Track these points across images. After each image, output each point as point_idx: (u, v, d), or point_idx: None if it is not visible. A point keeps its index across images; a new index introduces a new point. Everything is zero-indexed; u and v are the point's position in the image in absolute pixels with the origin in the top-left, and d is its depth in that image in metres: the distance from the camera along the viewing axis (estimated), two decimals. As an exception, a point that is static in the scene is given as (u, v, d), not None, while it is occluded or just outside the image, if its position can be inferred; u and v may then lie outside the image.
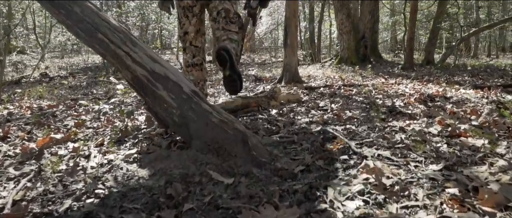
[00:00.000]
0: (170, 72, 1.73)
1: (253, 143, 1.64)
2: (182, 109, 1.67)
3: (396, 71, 8.20)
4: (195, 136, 1.65)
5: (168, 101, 1.68)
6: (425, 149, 1.67)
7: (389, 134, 1.98)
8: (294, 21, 5.60)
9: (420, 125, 2.15)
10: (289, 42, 5.61)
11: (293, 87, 5.17)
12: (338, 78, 6.76)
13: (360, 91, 4.75)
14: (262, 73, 8.13)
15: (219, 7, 2.60)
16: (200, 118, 1.67)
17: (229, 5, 2.61)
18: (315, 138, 1.97)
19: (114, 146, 2.12)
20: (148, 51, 1.77)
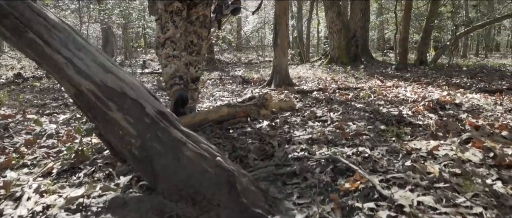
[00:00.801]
0: (128, 87, 1.26)
1: (243, 185, 1.18)
2: (143, 138, 1.20)
3: (390, 72, 7.84)
4: (161, 177, 1.18)
5: (124, 127, 1.21)
6: (475, 189, 1.24)
7: (417, 162, 1.54)
8: (285, 20, 5.15)
9: (450, 147, 1.73)
10: (279, 42, 5.16)
11: (284, 91, 4.73)
12: (330, 80, 6.35)
13: (358, 96, 4.33)
14: (250, 75, 7.67)
15: (200, 12, 2.88)
16: (168, 150, 1.20)
17: (208, 12, 2.92)
18: (323, 169, 1.52)
19: (60, 180, 1.64)
20: (99, 57, 1.30)
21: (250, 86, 5.57)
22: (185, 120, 2.69)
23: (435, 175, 1.36)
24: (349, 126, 2.55)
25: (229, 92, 4.92)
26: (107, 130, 1.24)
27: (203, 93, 4.88)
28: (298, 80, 6.35)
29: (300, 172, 1.52)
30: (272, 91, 4.89)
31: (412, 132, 2.27)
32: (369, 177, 1.32)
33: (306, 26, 13.16)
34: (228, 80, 6.64)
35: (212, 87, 5.66)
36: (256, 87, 5.45)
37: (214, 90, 5.13)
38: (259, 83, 5.85)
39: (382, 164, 1.54)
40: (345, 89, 4.88)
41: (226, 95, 4.65)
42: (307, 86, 5.48)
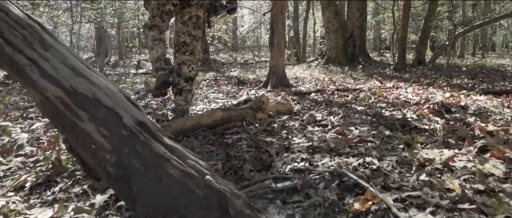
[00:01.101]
0: (102, 93, 1.08)
1: (236, 209, 1.00)
2: (120, 153, 1.03)
3: (388, 72, 7.70)
4: (141, 199, 1.00)
5: (97, 141, 1.03)
6: (505, 210, 1.08)
7: (433, 175, 1.38)
8: (281, 19, 4.98)
9: (466, 157, 1.56)
10: (276, 42, 4.99)
11: (281, 92, 4.56)
12: (328, 81, 6.19)
13: (357, 97, 4.17)
14: (245, 75, 7.49)
15: (193, 13, 2.89)
16: (149, 168, 1.02)
17: (201, 12, 2.92)
18: (327, 184, 1.35)
19: (32, 196, 1.46)
20: (69, 59, 1.12)
21: (245, 88, 5.39)
22: (177, 125, 2.52)
23: (457, 192, 1.19)
24: (352, 131, 2.38)
25: (224, 94, 4.75)
26: (77, 143, 1.06)
27: (197, 95, 4.69)
28: (295, 81, 6.18)
29: (302, 188, 1.35)
30: (269, 92, 4.72)
31: (420, 137, 2.10)
32: (382, 196, 1.15)
33: (303, 26, 12.99)
34: (223, 81, 6.46)
35: (207, 89, 5.48)
36: (252, 88, 5.28)
37: (209, 92, 4.95)
38: (255, 84, 5.67)
39: (394, 178, 1.37)
40: (344, 90, 4.72)
41: (220, 97, 4.47)
42: (305, 87, 5.31)
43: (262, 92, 4.66)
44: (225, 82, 6.21)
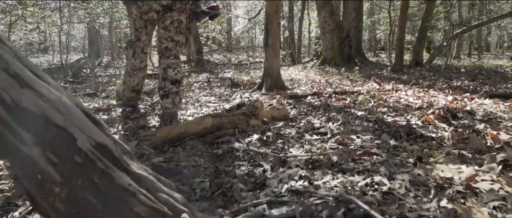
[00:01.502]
0: (53, 109, 0.86)
1: (220, 257, 0.79)
2: (72, 186, 0.81)
3: (386, 73, 7.51)
4: (98, 245, 0.79)
5: (43, 170, 0.81)
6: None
7: (455, 200, 1.18)
8: (276, 19, 4.77)
9: (490, 176, 1.37)
10: (271, 43, 4.78)
11: (276, 95, 4.35)
12: (324, 83, 5.99)
13: (356, 101, 3.98)
14: (239, 77, 7.28)
15: (175, 17, 2.95)
16: (109, 204, 0.81)
17: (183, 17, 2.97)
18: (332, 212, 1.14)
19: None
20: (12, 65, 0.89)
21: (239, 90, 5.18)
22: (162, 133, 2.30)
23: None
24: (354, 141, 2.18)
25: (217, 97, 4.53)
26: (21, 171, 0.84)
27: (188, 98, 4.47)
28: (290, 83, 5.98)
29: (302, 216, 1.14)
30: (263, 96, 4.51)
31: (431, 151, 1.90)
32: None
33: (298, 26, 12.80)
34: (216, 83, 6.24)
35: (199, 91, 5.26)
36: (246, 91, 5.06)
37: (201, 95, 4.73)
38: (249, 87, 5.46)
39: (410, 205, 1.17)
40: (342, 93, 4.52)
41: (213, 100, 4.26)
42: (301, 90, 5.11)
43: (256, 96, 4.45)
44: (218, 84, 5.99)
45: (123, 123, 3.03)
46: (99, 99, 4.78)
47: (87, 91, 5.83)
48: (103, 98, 4.75)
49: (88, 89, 6.13)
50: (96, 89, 5.91)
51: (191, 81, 6.63)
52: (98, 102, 4.42)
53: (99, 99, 4.73)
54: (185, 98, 4.42)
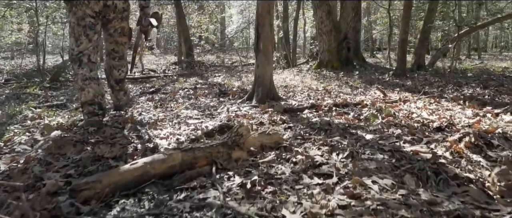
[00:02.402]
0: None
1: None
2: None
3: (388, 78, 6.97)
4: None
5: None
6: None
7: None
8: (268, 19, 4.20)
9: None
10: (262, 47, 4.21)
11: (268, 108, 3.77)
12: (322, 90, 5.42)
13: (360, 116, 3.42)
14: (229, 82, 6.70)
15: (117, 25, 3.18)
16: None
17: (125, 24, 3.24)
18: None
19: None
20: None
21: (227, 101, 4.60)
22: (113, 177, 1.72)
23: None
24: (369, 190, 1.61)
25: (201, 110, 3.94)
26: None
27: (167, 112, 3.89)
28: (284, 90, 5.41)
29: None
30: (254, 108, 3.94)
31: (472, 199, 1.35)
32: None
33: (293, 26, 12.23)
34: (203, 91, 5.66)
35: (182, 101, 4.67)
36: (234, 101, 4.49)
37: (183, 107, 4.14)
38: (238, 96, 4.88)
39: None
40: (343, 105, 3.96)
41: (195, 115, 3.67)
42: (296, 100, 4.54)
43: (245, 109, 3.87)
44: (205, 92, 5.41)
45: (78, 150, 2.44)
46: (66, 111, 4.18)
47: (59, 100, 5.23)
48: (71, 111, 4.16)
49: (61, 97, 5.53)
50: (68, 99, 5.30)
51: (176, 87, 6.04)
52: (64, 117, 3.82)
53: (67, 112, 4.13)
54: (164, 113, 3.83)
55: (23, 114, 4.12)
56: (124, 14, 3.19)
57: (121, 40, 3.28)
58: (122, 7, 3.14)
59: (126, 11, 3.22)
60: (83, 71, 2.98)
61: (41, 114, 3.91)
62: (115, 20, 3.15)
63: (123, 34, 3.28)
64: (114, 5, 3.07)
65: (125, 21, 3.23)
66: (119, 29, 3.23)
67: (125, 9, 3.20)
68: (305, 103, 4.27)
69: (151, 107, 4.24)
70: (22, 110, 4.37)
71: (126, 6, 3.19)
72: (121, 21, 3.19)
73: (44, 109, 4.33)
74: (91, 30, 2.96)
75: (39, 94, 5.79)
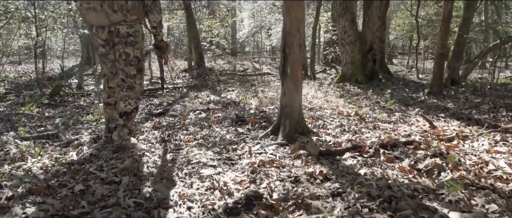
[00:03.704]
0: None
1: None
2: None
3: (423, 97, 6.20)
4: None
5: None
6: None
7: None
8: (298, 39, 3.48)
9: None
10: (290, 72, 3.49)
11: (299, 150, 3.06)
12: (355, 116, 4.68)
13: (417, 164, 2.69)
14: (245, 100, 6.00)
15: (121, 50, 3.08)
16: None
17: (130, 50, 3.08)
18: None
19: None
20: None
21: (247, 132, 3.88)
22: None
23: None
24: None
25: (216, 151, 3.21)
26: None
27: (175, 152, 3.19)
28: (311, 115, 4.67)
29: None
30: (281, 147, 3.22)
31: None
32: None
33: (311, 35, 11.47)
34: (217, 113, 4.96)
35: (193, 130, 3.98)
36: (256, 133, 3.78)
37: (194, 144, 3.44)
38: (259, 125, 4.16)
39: None
40: (391, 146, 3.22)
41: (210, 161, 2.94)
42: (329, 133, 3.81)
43: (272, 149, 3.14)
44: (219, 117, 4.70)
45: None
46: (57, 147, 3.51)
47: (53, 124, 4.57)
48: (62, 147, 3.48)
49: (57, 120, 4.88)
50: (64, 123, 4.64)
51: (187, 108, 5.34)
52: (51, 156, 3.15)
53: (57, 148, 3.46)
54: (172, 154, 3.13)
55: (5, 149, 3.46)
56: (128, 39, 3.04)
57: (127, 70, 3.11)
58: (125, 32, 3.02)
59: (132, 37, 3.05)
60: (104, 96, 3.33)
61: (24, 152, 3.24)
62: (119, 45, 3.05)
63: (129, 63, 3.10)
64: (117, 30, 3.02)
65: (129, 46, 3.05)
66: (123, 54, 3.07)
67: (130, 34, 3.04)
68: (341, 139, 3.55)
69: (157, 142, 3.54)
70: (6, 142, 3.71)
71: (132, 32, 3.04)
72: (124, 46, 3.05)
73: (31, 141, 3.67)
74: (106, 58, 3.15)
75: (33, 116, 5.14)
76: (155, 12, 3.06)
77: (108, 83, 3.25)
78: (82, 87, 8.09)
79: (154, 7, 3.03)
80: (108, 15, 2.95)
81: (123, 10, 2.97)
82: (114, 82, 3.25)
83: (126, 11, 2.97)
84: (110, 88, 3.27)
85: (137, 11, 3.02)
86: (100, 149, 3.34)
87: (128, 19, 3.01)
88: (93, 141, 3.67)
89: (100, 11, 2.94)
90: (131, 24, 3.03)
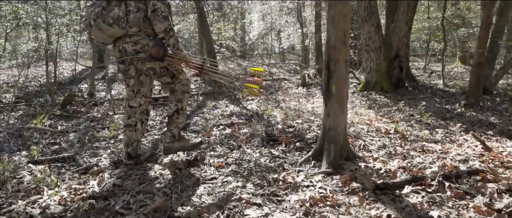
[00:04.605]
0: None
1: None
2: None
3: (459, 109, 5.78)
4: None
5: None
6: None
7: None
8: (345, 53, 3.10)
9: None
10: (335, 91, 3.11)
11: (350, 180, 2.68)
12: (395, 134, 4.29)
13: (493, 202, 2.30)
14: (268, 111, 5.62)
15: (144, 68, 3.03)
16: None
17: (152, 64, 3.00)
18: None
19: None
20: None
21: (283, 156, 3.50)
22: None
23: None
24: None
25: (255, 184, 2.82)
26: None
27: (207, 182, 2.82)
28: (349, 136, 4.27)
29: None
30: (328, 178, 2.84)
31: None
32: None
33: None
34: (242, 128, 4.60)
35: (222, 151, 3.62)
36: (292, 157, 3.40)
37: (227, 172, 3.07)
38: (294, 146, 3.78)
39: None
40: (456, 177, 2.82)
41: (252, 198, 2.56)
42: (372, 154, 3.42)
43: (319, 180, 2.76)
44: (246, 133, 4.33)
45: None
46: (75, 173, 3.16)
47: (68, 143, 4.22)
48: (81, 174, 3.13)
49: (71, 136, 4.54)
50: (79, 140, 4.29)
51: (209, 123, 4.97)
52: (69, 186, 2.79)
53: (75, 174, 3.11)
54: (208, 186, 2.75)
55: (18, 176, 3.12)
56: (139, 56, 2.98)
57: (162, 80, 3.16)
58: (132, 50, 2.95)
59: (141, 53, 2.95)
60: (124, 116, 3.40)
61: (39, 182, 2.89)
62: (138, 63, 3.03)
63: (160, 75, 3.09)
64: (124, 49, 2.97)
65: (148, 62, 3.00)
66: (151, 70, 3.06)
67: (138, 51, 2.95)
68: (391, 165, 3.16)
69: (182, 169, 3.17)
70: (18, 166, 3.37)
71: (139, 48, 2.94)
72: (142, 63, 3.02)
73: (46, 165, 3.32)
74: (126, 75, 3.10)
75: (46, 131, 4.80)
76: (156, 21, 2.87)
77: (129, 102, 3.18)
78: (93, 95, 7.76)
79: (154, 17, 2.86)
80: (106, 29, 2.90)
81: (120, 23, 2.89)
82: (136, 101, 3.18)
83: (124, 24, 2.90)
84: (131, 108, 3.19)
85: (138, 23, 2.91)
86: (123, 177, 2.99)
87: (130, 32, 2.93)
88: (114, 165, 3.32)
89: (95, 25, 2.92)
90: (136, 40, 2.93)
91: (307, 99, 7.08)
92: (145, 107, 3.25)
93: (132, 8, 2.89)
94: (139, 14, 2.89)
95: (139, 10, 2.89)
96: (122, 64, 3.03)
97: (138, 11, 2.89)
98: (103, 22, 2.89)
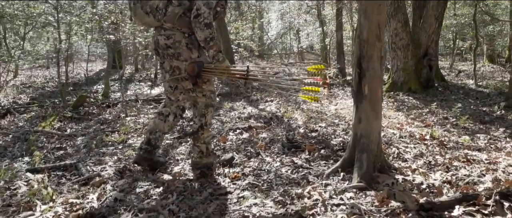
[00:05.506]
0: None
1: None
2: None
3: (498, 112, 5.26)
4: None
5: None
6: None
7: None
8: (379, 49, 2.68)
9: None
10: (368, 92, 2.70)
11: (387, 198, 2.27)
12: (431, 140, 3.83)
13: None
14: (288, 114, 5.23)
15: (173, 64, 2.81)
16: None
17: (178, 63, 2.78)
18: None
19: None
20: None
21: (307, 166, 3.11)
22: None
23: None
24: None
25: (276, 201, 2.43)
26: None
27: (221, 197, 2.46)
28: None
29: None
30: (360, 193, 2.43)
31: None
32: None
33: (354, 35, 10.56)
34: (261, 132, 4.22)
35: (239, 160, 3.25)
36: (317, 168, 3.01)
37: (244, 185, 2.70)
38: (319, 155, 3.38)
39: None
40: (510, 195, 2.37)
41: (271, 215, 2.19)
42: (409, 164, 2.99)
43: (351, 197, 2.36)
44: (265, 139, 3.95)
45: None
46: (75, 183, 2.84)
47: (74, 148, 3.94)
48: (81, 185, 2.81)
49: (79, 140, 4.26)
50: (86, 145, 4.00)
51: (225, 126, 4.61)
52: (66, 200, 2.48)
53: (75, 185, 2.80)
54: (222, 203, 2.39)
55: (13, 186, 2.82)
56: (168, 51, 2.75)
57: (184, 85, 2.87)
58: (164, 44, 2.75)
59: (171, 49, 2.73)
60: (161, 104, 3.18)
61: (34, 194, 2.58)
62: (167, 59, 2.83)
63: (183, 78, 2.81)
64: (157, 41, 2.80)
65: (175, 60, 2.77)
66: (177, 69, 2.82)
67: (169, 46, 2.73)
68: (433, 178, 2.73)
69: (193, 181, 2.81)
70: (16, 174, 3.08)
71: (171, 43, 2.72)
72: (170, 60, 2.80)
73: (45, 174, 3.02)
74: (162, 68, 2.95)
75: (53, 134, 4.53)
76: (197, 29, 2.62)
77: (168, 95, 3.05)
78: (108, 96, 7.52)
79: (195, 24, 2.61)
80: (141, 17, 2.78)
81: (156, 15, 2.73)
82: (175, 96, 3.01)
83: (161, 16, 2.72)
84: (170, 100, 3.04)
85: (173, 19, 2.71)
86: (127, 190, 2.65)
87: (165, 26, 2.75)
88: (119, 174, 3.00)
89: (133, 9, 2.82)
90: (169, 34, 2.73)
91: (330, 100, 6.65)
92: (183, 104, 3.09)
93: (174, 0, 2.71)
94: (178, 9, 2.70)
95: (181, 5, 2.71)
96: (158, 56, 2.90)
97: (179, 6, 2.70)
98: (141, 8, 2.73)
